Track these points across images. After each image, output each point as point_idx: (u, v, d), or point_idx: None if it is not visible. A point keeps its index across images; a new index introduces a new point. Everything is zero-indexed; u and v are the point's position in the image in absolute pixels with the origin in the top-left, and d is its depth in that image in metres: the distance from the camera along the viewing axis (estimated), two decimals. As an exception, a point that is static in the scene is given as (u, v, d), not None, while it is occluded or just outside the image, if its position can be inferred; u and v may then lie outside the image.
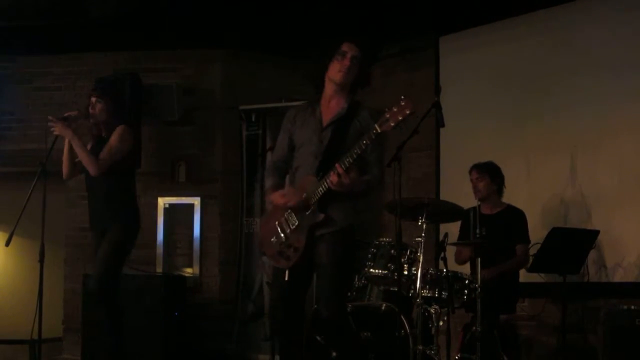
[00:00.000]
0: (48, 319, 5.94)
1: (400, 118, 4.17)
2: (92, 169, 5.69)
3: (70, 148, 5.74)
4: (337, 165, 4.28)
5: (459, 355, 5.59)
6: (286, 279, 4.49)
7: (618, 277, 6.18)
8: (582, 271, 5.95)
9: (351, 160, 4.27)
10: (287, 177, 4.78)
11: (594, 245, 5.90)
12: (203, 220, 7.99)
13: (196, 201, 7.97)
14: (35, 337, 5.79)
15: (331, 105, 4.56)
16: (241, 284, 7.80)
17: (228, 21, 7.40)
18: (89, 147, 5.83)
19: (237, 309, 7.76)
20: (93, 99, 5.79)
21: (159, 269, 7.90)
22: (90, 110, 5.77)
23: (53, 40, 7.87)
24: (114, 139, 5.71)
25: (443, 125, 5.53)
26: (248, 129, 7.96)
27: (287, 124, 4.67)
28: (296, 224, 4.47)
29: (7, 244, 5.53)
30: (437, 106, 5.42)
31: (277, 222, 4.54)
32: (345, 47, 4.50)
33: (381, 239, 5.74)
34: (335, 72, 4.51)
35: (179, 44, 7.97)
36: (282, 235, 4.51)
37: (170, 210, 8.03)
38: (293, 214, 4.49)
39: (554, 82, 6.71)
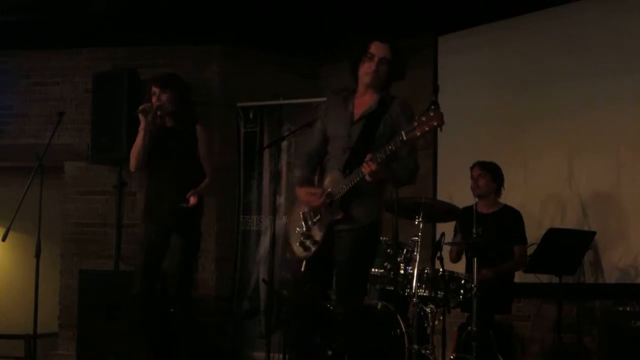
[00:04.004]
0: (43, 314, 5.95)
1: (426, 129, 4.04)
2: (136, 164, 5.53)
3: (145, 141, 5.48)
4: (373, 156, 4.17)
5: (454, 354, 5.60)
6: (302, 269, 4.48)
7: (614, 279, 6.19)
8: (578, 272, 5.95)
9: (384, 157, 4.16)
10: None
11: (590, 246, 5.91)
12: (200, 217, 7.97)
13: (193, 198, 7.95)
14: (31, 332, 5.79)
15: (364, 99, 4.49)
16: (237, 281, 7.80)
17: (226, 18, 7.40)
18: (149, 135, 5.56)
19: (233, 306, 7.77)
20: (157, 90, 5.51)
21: (155, 265, 7.88)
22: (155, 102, 5.49)
23: (51, 35, 7.87)
24: (206, 146, 5.55)
25: (441, 125, 5.54)
26: (246, 126, 7.96)
27: (323, 115, 4.62)
28: (318, 216, 4.44)
29: (4, 239, 5.53)
30: (435, 105, 5.42)
31: (301, 213, 4.53)
32: (373, 48, 4.41)
33: (378, 238, 5.73)
34: (364, 74, 4.44)
35: (177, 41, 7.96)
36: (304, 226, 4.50)
37: (166, 206, 8.01)
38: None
39: (552, 82, 6.71)
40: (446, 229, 5.74)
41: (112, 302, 6.83)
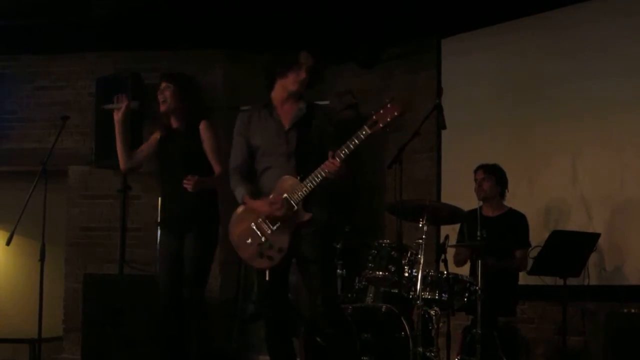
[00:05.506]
0: (48, 318, 5.96)
1: (388, 119, 4.26)
2: (121, 164, 5.41)
3: (122, 137, 5.39)
4: (336, 153, 4.31)
5: (458, 357, 5.60)
6: (267, 279, 4.54)
7: (618, 280, 6.19)
8: (583, 274, 5.94)
9: (347, 152, 4.31)
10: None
11: (594, 248, 5.90)
12: (204, 221, 7.96)
13: (197, 201, 7.94)
14: (35, 336, 5.79)
15: (285, 108, 4.66)
16: (241, 284, 7.79)
17: (229, 22, 7.40)
18: (157, 136, 5.42)
19: (238, 309, 7.76)
20: (163, 84, 5.28)
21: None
22: (160, 97, 5.27)
23: (54, 39, 7.88)
24: (212, 143, 5.29)
25: (444, 127, 5.56)
26: (249, 129, 7.95)
27: (242, 129, 4.74)
28: (278, 224, 4.50)
29: (8, 243, 5.53)
30: (439, 108, 5.44)
31: (253, 224, 4.56)
32: (302, 58, 4.62)
33: (382, 241, 5.74)
34: (291, 82, 4.62)
35: (181, 44, 7.97)
36: (261, 236, 4.53)
37: (171, 210, 8.00)
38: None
39: (555, 85, 6.71)
40: (450, 232, 5.74)
41: (117, 306, 6.83)
